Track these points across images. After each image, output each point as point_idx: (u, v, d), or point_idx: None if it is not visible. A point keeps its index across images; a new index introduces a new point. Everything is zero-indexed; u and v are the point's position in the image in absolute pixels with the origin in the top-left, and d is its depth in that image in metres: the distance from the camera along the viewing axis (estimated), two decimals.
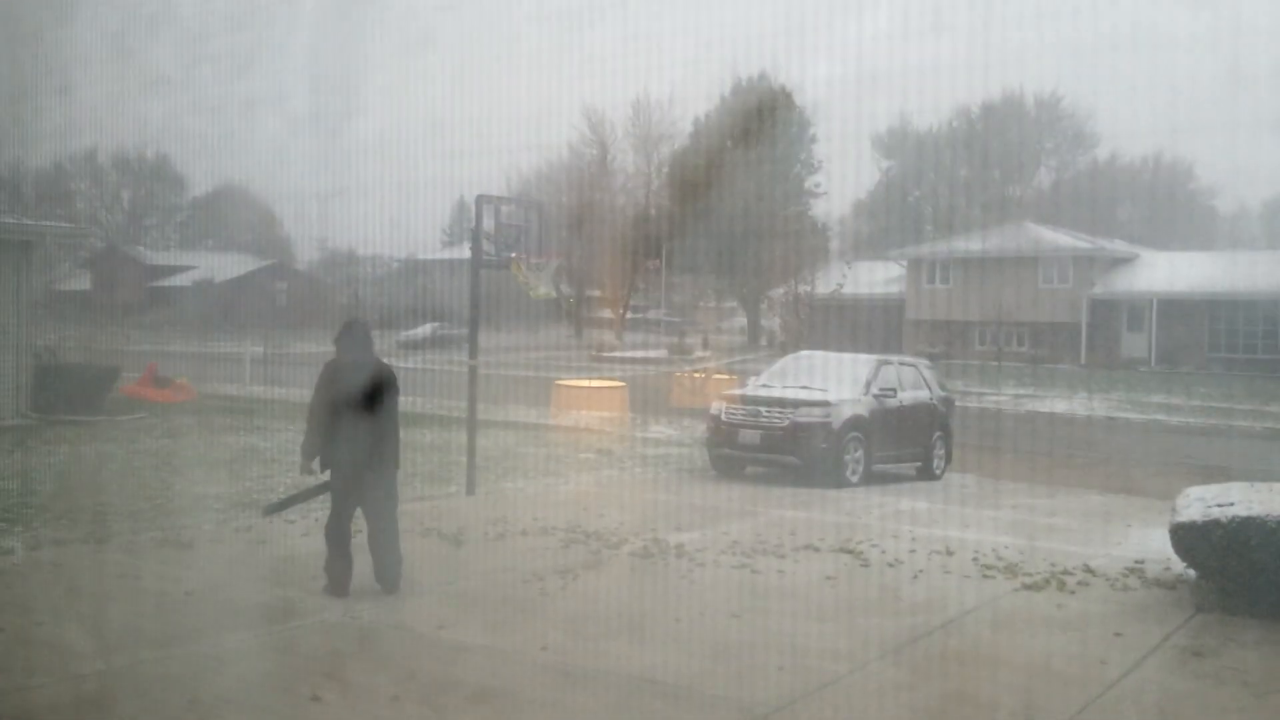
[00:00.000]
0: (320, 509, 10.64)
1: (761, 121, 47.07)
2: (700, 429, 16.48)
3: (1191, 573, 8.17)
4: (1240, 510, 7.60)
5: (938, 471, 15.52)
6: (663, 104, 58.63)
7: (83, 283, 67.31)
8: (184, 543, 8.90)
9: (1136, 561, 9.23)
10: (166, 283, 65.27)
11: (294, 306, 56.15)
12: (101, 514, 9.91)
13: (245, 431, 16.98)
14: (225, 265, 65.92)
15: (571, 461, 15.16)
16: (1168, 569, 8.75)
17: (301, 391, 24.35)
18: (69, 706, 5.36)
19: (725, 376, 26.24)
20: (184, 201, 78.63)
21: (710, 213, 43.93)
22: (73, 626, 6.76)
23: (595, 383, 24.20)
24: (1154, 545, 9.46)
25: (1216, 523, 7.59)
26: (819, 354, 16.22)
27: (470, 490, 11.77)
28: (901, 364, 16.10)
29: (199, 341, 49.64)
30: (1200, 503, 7.97)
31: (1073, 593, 8.22)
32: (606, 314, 53.77)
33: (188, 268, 66.71)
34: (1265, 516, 7.46)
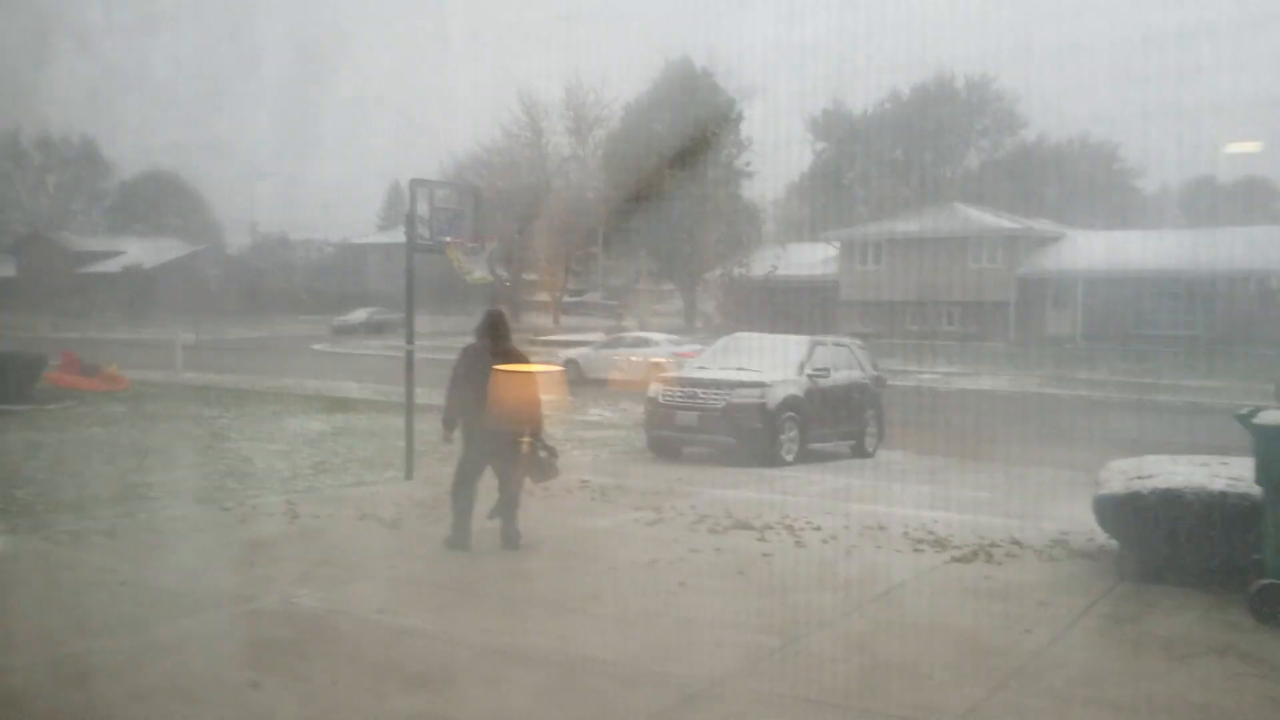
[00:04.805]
0: (258, 499, 10.60)
1: (691, 103, 47.15)
2: (638, 411, 16.58)
3: (1114, 543, 8.42)
4: (1160, 482, 7.85)
5: (870, 449, 15.79)
6: (595, 87, 58.54)
7: (6, 269, 65.79)
8: (118, 531, 8.81)
9: (1062, 533, 9.50)
10: (94, 269, 63.98)
11: (225, 292, 55.31)
12: (33, 503, 9.77)
13: (177, 419, 16.79)
14: (155, 250, 64.78)
15: None
16: (1091, 540, 9.02)
17: (236, 378, 24.03)
18: (3, 700, 5.32)
19: (662, 359, 26.34)
20: (112, 185, 77.16)
21: (645, 195, 43.97)
22: (6, 618, 6.69)
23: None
24: (1078, 517, 9.70)
25: (1138, 495, 7.83)
26: (754, 335, 16.39)
27: (409, 475, 11.76)
28: (834, 344, 16.34)
29: (129, 328, 48.82)
30: (1122, 475, 8.22)
31: (1000, 564, 8.44)
32: (543, 297, 53.61)
33: (116, 253, 65.46)
34: (1184, 488, 7.71)
